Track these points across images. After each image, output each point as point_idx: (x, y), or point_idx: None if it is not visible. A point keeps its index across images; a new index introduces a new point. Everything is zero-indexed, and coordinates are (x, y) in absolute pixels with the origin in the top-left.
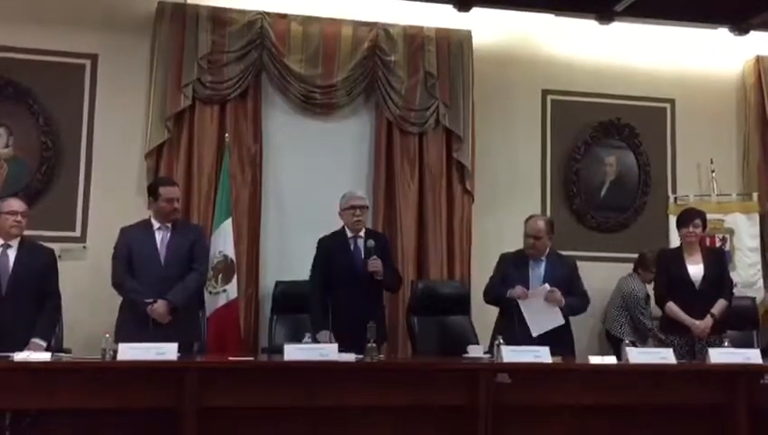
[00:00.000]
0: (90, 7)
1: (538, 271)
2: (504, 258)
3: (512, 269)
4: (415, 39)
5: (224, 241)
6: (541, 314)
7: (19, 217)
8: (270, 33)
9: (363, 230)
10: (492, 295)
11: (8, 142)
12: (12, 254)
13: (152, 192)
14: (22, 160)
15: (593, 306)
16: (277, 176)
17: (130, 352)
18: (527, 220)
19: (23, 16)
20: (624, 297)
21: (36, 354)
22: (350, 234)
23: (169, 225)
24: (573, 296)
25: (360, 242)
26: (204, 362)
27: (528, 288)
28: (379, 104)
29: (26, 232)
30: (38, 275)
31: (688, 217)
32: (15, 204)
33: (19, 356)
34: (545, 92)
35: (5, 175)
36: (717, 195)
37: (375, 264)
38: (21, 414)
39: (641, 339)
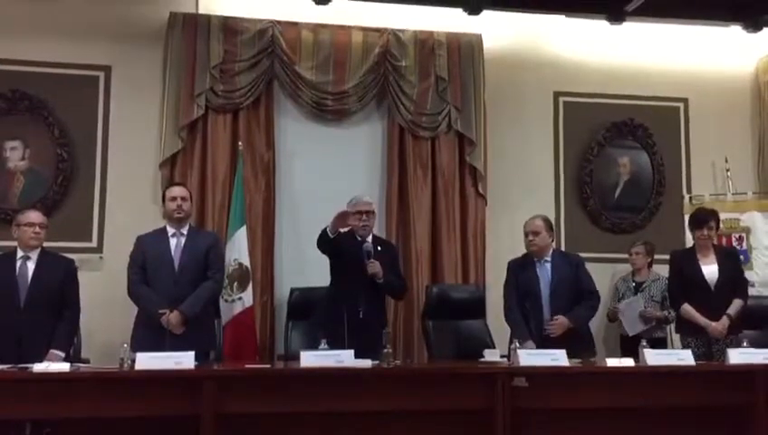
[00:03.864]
0: (102, 19)
1: (545, 272)
2: (512, 265)
3: (520, 274)
4: (425, 44)
5: (238, 249)
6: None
7: (38, 229)
8: (281, 41)
9: (370, 236)
10: (511, 329)
11: (24, 155)
12: (31, 265)
13: (162, 198)
14: (38, 172)
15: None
16: (290, 183)
17: (148, 361)
18: (526, 222)
19: (36, 30)
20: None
21: (55, 365)
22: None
23: (184, 231)
24: (581, 297)
25: (365, 246)
26: (221, 370)
27: (539, 289)
28: (390, 109)
29: (44, 243)
30: (57, 286)
31: (701, 219)
32: (34, 216)
33: (38, 367)
34: (557, 94)
35: (22, 187)
36: (733, 194)
37: (373, 266)
38: (40, 424)
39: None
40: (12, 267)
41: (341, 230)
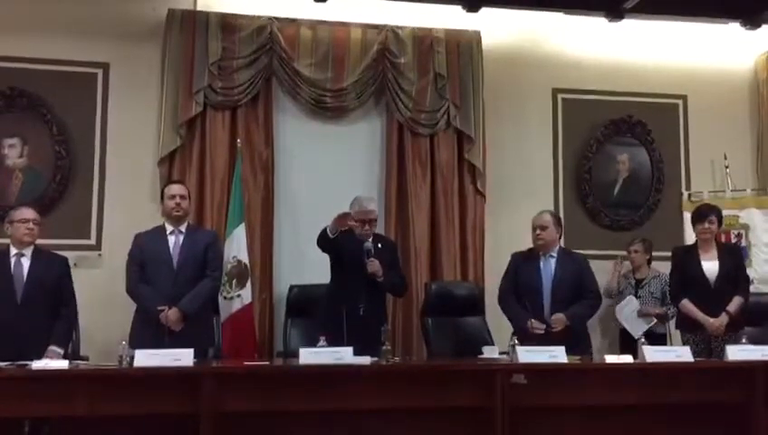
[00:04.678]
0: (100, 17)
1: (548, 268)
2: (516, 257)
3: (522, 267)
4: (424, 40)
5: (237, 246)
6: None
7: (31, 225)
8: (279, 38)
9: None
10: (508, 315)
11: (23, 152)
12: (26, 262)
13: (161, 196)
14: (36, 170)
15: (608, 305)
16: (289, 180)
17: (147, 358)
18: (534, 217)
19: (34, 27)
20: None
21: (54, 362)
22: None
23: (183, 229)
24: (582, 296)
25: (365, 244)
26: (220, 368)
27: (540, 284)
28: (389, 106)
29: (42, 241)
30: (53, 283)
31: (703, 213)
32: (27, 212)
33: (37, 364)
34: (556, 91)
35: (21, 185)
36: (732, 190)
37: (373, 265)
38: (39, 422)
39: None
40: (6, 265)
41: (342, 229)
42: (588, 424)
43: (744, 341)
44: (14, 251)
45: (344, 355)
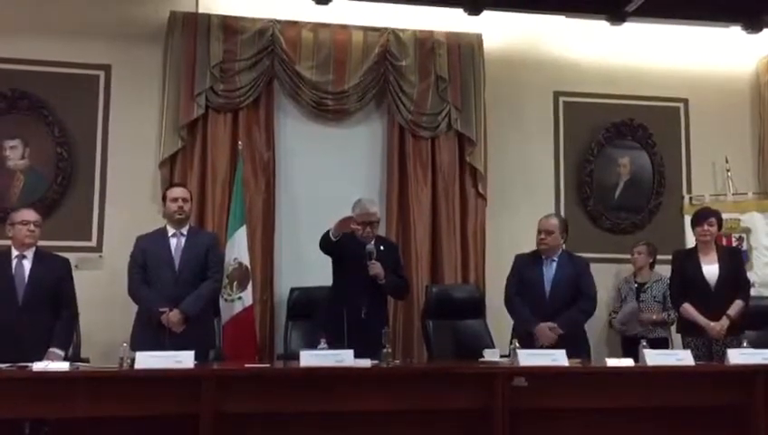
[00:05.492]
0: (102, 19)
1: (550, 271)
2: (519, 259)
3: (526, 269)
4: (425, 43)
5: (238, 248)
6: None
7: (32, 227)
8: (281, 40)
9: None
10: (514, 317)
11: (24, 154)
12: (27, 264)
13: (163, 198)
14: (38, 171)
15: (609, 308)
16: (290, 182)
17: (148, 360)
18: (540, 219)
19: (36, 29)
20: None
21: (55, 364)
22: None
23: (184, 231)
24: (579, 299)
25: (368, 247)
26: (221, 370)
27: (542, 287)
28: (390, 109)
29: (43, 242)
30: (54, 285)
31: (702, 215)
32: (28, 214)
33: (38, 366)
34: (557, 94)
35: (22, 186)
36: (733, 194)
37: (374, 267)
38: (39, 423)
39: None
40: (8, 266)
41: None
42: (589, 427)
43: (744, 344)
44: (15, 253)
45: (345, 358)
